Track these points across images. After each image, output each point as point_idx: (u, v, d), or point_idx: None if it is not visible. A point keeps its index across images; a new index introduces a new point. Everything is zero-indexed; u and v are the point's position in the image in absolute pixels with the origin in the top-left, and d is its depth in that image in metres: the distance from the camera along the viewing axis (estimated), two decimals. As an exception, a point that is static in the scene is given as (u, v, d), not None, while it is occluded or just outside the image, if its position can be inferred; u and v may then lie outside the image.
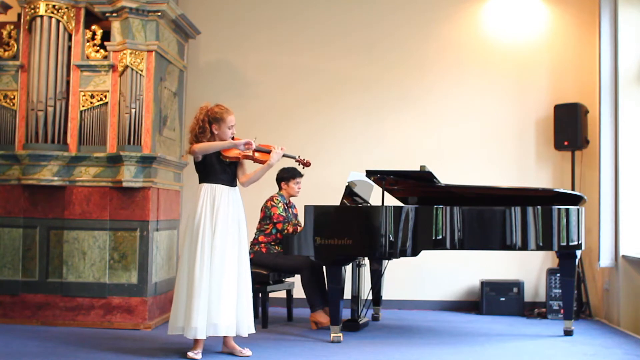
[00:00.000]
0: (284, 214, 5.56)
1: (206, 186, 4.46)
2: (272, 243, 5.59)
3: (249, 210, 5.33)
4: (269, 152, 4.54)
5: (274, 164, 4.52)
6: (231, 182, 4.52)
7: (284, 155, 4.58)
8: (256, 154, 4.52)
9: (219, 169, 4.46)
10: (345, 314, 5.37)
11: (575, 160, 6.38)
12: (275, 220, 5.54)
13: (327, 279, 4.94)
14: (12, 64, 5.58)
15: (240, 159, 4.51)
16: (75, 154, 5.48)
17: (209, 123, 4.47)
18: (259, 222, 5.66)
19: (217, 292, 4.32)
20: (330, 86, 6.84)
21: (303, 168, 4.82)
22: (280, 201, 5.62)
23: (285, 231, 5.45)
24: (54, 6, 5.44)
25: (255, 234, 5.63)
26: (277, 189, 5.77)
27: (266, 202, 5.64)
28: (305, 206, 4.95)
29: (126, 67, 5.39)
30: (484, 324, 5.81)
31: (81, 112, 5.53)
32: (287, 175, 5.67)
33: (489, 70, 6.72)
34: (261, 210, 5.66)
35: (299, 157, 4.68)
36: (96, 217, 5.46)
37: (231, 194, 4.49)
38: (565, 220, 5.02)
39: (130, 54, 5.39)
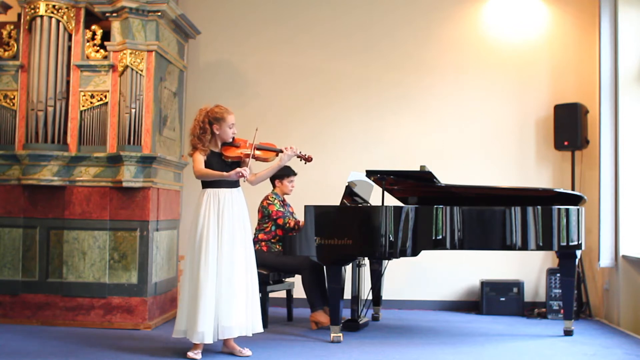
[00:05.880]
0: (282, 210, 5.57)
1: (209, 191, 4.46)
2: (273, 241, 5.60)
3: (249, 209, 5.32)
4: (270, 150, 4.57)
5: (284, 164, 4.66)
6: (234, 183, 4.52)
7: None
8: (258, 152, 4.54)
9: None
10: (345, 314, 5.37)
11: (575, 160, 6.38)
12: (274, 217, 5.55)
13: (327, 279, 4.93)
14: (12, 64, 5.58)
15: (242, 158, 4.52)
16: (75, 154, 5.48)
17: (209, 124, 4.48)
18: (258, 223, 5.66)
19: (229, 295, 4.33)
20: (330, 86, 6.84)
21: (305, 163, 4.86)
22: (275, 198, 5.63)
23: (287, 225, 5.46)
24: (54, 6, 5.44)
25: (255, 233, 5.63)
26: (270, 189, 5.78)
27: (262, 201, 5.65)
28: (305, 206, 4.95)
29: (126, 67, 5.39)
30: (484, 324, 5.81)
31: (81, 112, 5.53)
32: (280, 174, 5.67)
33: (489, 70, 6.72)
34: (258, 211, 5.66)
35: (300, 152, 4.70)
36: (96, 217, 5.46)
37: (235, 195, 4.49)
38: (565, 220, 5.02)
39: (130, 54, 5.39)
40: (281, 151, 4.60)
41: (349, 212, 5.02)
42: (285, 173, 5.66)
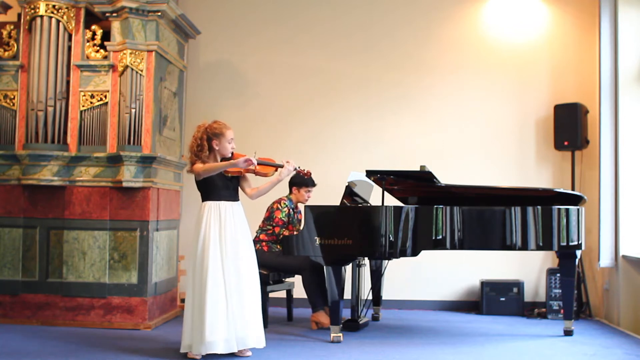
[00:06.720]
0: (285, 219, 5.56)
1: (210, 203, 4.45)
2: (272, 242, 5.60)
3: (254, 211, 5.32)
4: (270, 165, 4.57)
5: (283, 179, 4.61)
6: (234, 196, 4.52)
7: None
8: (258, 167, 4.54)
9: (221, 185, 4.46)
10: (345, 314, 5.37)
11: (575, 160, 6.38)
12: (274, 224, 5.55)
13: (326, 279, 4.93)
14: (12, 64, 5.58)
15: (242, 173, 4.53)
16: (75, 154, 5.48)
17: (208, 140, 4.47)
18: (262, 222, 5.66)
19: (240, 305, 4.32)
20: (330, 86, 6.84)
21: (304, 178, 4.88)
22: (286, 205, 5.62)
23: (281, 236, 5.47)
24: (54, 6, 5.44)
25: (257, 232, 5.63)
26: (287, 192, 5.76)
27: (273, 203, 5.64)
28: (305, 206, 4.96)
29: (126, 67, 5.39)
30: (484, 324, 5.81)
31: (81, 112, 5.53)
32: (300, 181, 5.65)
33: (489, 70, 6.72)
34: (267, 210, 5.66)
35: (299, 167, 4.70)
36: (96, 217, 5.47)
37: (235, 208, 4.49)
38: (565, 220, 5.02)
39: (130, 54, 5.40)
40: (281, 166, 4.60)
41: (349, 212, 5.02)
42: (304, 182, 5.64)
